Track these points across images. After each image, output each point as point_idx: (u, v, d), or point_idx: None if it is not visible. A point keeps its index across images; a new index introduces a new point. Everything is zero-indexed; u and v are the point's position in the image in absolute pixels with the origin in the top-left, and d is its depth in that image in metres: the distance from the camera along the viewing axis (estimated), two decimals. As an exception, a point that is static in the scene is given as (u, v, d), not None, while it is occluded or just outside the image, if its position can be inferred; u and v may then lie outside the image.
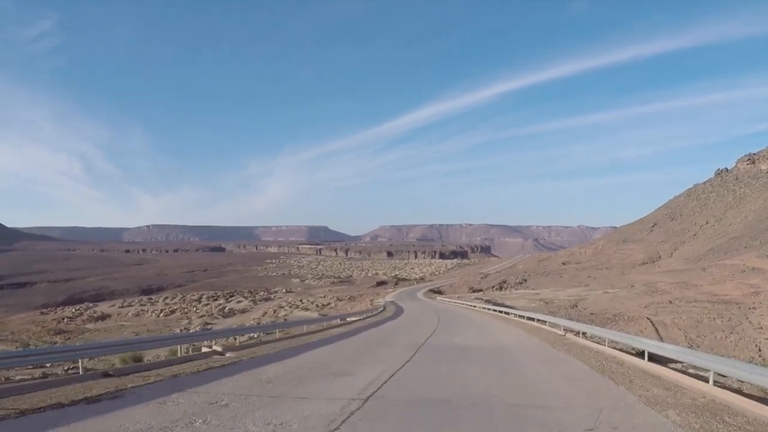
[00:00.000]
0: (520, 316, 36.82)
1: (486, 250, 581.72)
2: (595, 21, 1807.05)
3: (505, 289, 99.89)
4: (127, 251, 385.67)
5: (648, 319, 55.85)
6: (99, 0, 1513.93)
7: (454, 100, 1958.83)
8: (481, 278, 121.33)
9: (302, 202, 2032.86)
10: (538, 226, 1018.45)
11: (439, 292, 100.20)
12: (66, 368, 19.18)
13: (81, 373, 13.68)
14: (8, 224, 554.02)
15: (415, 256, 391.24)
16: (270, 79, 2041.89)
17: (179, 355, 18.34)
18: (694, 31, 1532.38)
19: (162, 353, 21.90)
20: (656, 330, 50.40)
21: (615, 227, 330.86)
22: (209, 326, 73.62)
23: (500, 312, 43.39)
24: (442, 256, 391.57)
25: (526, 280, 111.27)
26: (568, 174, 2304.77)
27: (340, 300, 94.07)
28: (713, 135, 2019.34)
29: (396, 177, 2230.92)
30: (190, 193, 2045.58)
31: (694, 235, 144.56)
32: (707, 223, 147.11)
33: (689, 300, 64.22)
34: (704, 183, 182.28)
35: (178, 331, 71.54)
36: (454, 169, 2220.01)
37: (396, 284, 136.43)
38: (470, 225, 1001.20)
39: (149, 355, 20.82)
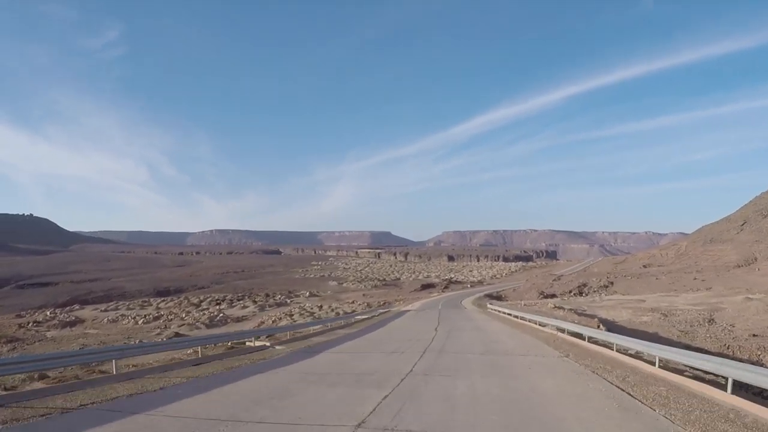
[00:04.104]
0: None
1: (551, 255, 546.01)
2: (662, 21, 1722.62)
3: (587, 294, 75.37)
4: (180, 254, 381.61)
5: None
6: (164, 9, 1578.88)
7: (519, 104, 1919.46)
8: (554, 281, 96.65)
9: (366, 208, 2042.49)
10: (603, 232, 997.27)
11: (498, 298, 76.74)
12: None
13: None
14: (72, 228, 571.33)
15: (477, 260, 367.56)
16: (336, 84, 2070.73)
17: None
18: (765, 29, 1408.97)
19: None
20: None
21: (683, 233, 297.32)
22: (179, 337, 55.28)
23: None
24: (506, 260, 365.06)
25: (612, 283, 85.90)
26: (634, 179, 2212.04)
27: (370, 306, 73.44)
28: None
29: (460, 182, 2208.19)
30: (255, 199, 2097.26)
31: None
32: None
33: None
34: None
35: (134, 342, 53.92)
36: (519, 174, 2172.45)
37: (446, 287, 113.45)
38: (535, 231, 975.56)
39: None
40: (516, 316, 36.18)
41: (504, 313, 42.19)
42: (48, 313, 79.95)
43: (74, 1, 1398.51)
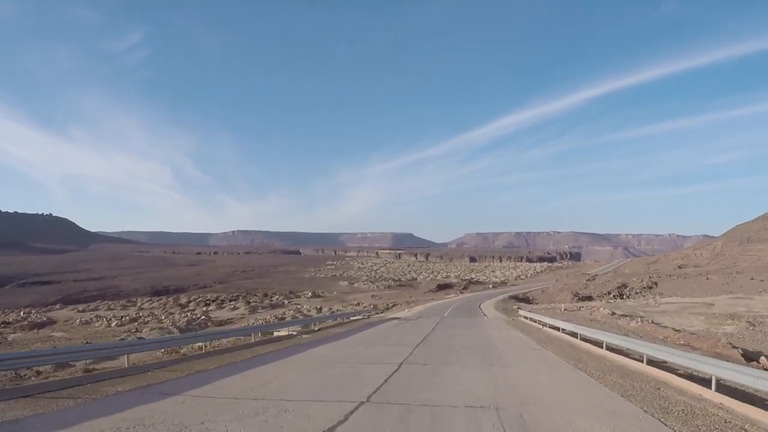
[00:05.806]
0: None
1: (575, 257, 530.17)
2: (685, 22, 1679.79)
3: (629, 296, 64.81)
4: (198, 253, 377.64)
5: None
6: (187, 11, 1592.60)
7: (542, 106, 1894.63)
8: (588, 281, 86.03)
9: (388, 210, 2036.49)
10: (627, 234, 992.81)
11: (526, 301, 66.62)
12: None
13: None
14: (95, 229, 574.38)
15: (500, 261, 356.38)
16: (359, 86, 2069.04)
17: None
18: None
19: None
20: None
21: (708, 235, 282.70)
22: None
23: None
24: (529, 260, 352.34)
25: (656, 284, 75.20)
26: (657, 181, 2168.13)
27: (377, 308, 64.47)
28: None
29: (483, 185, 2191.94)
30: (278, 200, 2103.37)
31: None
32: None
33: None
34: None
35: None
36: (541, 176, 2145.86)
37: (464, 288, 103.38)
38: (558, 233, 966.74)
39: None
40: (582, 337, 19.91)
41: (556, 328, 24.24)
42: (22, 313, 72.45)
43: (98, 5, 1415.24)
